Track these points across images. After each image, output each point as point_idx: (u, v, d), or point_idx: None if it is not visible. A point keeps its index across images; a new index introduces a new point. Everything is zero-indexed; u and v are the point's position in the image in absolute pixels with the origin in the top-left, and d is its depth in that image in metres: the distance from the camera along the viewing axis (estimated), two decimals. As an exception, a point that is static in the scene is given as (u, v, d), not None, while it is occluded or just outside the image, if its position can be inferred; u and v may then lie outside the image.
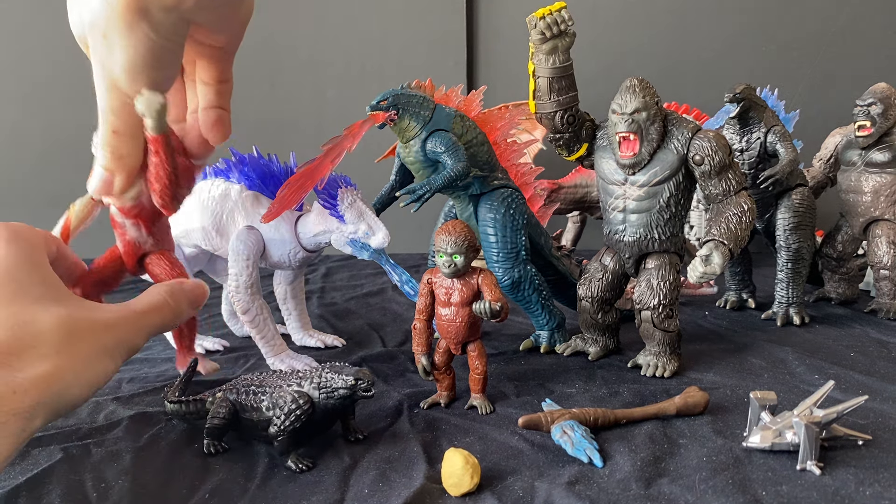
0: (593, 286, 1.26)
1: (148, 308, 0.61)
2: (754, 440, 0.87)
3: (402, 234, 2.10)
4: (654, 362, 1.19)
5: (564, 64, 1.16)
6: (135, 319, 0.59)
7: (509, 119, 1.32)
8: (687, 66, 2.45)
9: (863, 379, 1.14)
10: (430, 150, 1.20)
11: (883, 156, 1.51)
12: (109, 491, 0.82)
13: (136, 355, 1.36)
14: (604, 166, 1.21)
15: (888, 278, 1.52)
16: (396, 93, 1.20)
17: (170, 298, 0.62)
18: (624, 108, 1.14)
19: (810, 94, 2.37)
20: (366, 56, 2.46)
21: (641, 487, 0.80)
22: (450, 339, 1.04)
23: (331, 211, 1.20)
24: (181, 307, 0.63)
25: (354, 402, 0.92)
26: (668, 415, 0.99)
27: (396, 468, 0.86)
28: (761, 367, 1.22)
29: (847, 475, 0.82)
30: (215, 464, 0.89)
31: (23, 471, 0.88)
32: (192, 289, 0.65)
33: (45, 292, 0.54)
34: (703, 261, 1.10)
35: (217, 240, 1.28)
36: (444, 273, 1.01)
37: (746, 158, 1.52)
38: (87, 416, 1.05)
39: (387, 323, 1.58)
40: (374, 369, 1.22)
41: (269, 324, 1.23)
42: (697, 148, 1.13)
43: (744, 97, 1.48)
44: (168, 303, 0.62)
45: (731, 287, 1.67)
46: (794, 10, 2.42)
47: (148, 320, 0.60)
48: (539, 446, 0.91)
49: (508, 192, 1.28)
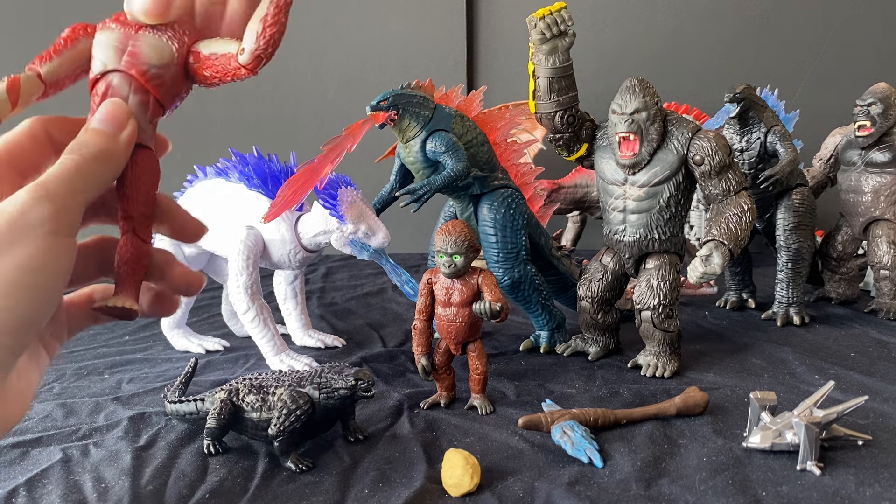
0: (593, 286, 1.26)
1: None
2: (754, 440, 0.87)
3: (402, 234, 2.11)
4: (654, 362, 1.19)
5: (564, 64, 1.15)
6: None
7: (509, 119, 1.32)
8: (687, 66, 2.44)
9: (863, 379, 1.14)
10: (430, 151, 1.20)
11: (883, 156, 1.51)
12: (109, 491, 0.82)
13: (136, 355, 1.36)
14: (604, 166, 1.21)
15: (888, 278, 1.52)
16: (396, 93, 1.20)
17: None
18: (624, 108, 1.14)
19: (810, 94, 2.37)
20: (366, 56, 2.46)
21: (641, 488, 0.80)
22: (450, 340, 1.04)
23: (331, 211, 1.20)
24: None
25: (354, 402, 0.92)
26: (668, 415, 0.99)
27: (396, 468, 0.86)
28: (761, 367, 1.22)
29: (847, 475, 0.82)
30: (215, 464, 0.89)
31: (22, 471, 0.88)
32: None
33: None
34: (703, 261, 1.10)
35: (217, 240, 1.28)
36: (444, 273, 1.01)
37: (746, 158, 1.52)
38: (87, 416, 1.05)
39: (387, 323, 1.58)
40: (374, 369, 1.22)
41: (269, 324, 1.22)
42: (697, 148, 1.13)
43: (744, 97, 1.48)
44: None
45: (731, 287, 1.67)
46: (794, 10, 2.42)
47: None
48: (539, 446, 0.91)
49: (508, 192, 1.28)
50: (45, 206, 0.35)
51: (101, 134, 0.39)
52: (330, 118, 2.45)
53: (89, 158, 0.38)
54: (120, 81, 0.40)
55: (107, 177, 0.39)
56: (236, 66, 0.40)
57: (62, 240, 0.36)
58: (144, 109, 0.40)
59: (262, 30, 0.39)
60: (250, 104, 2.43)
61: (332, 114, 2.46)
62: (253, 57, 0.40)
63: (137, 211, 0.40)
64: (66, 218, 0.36)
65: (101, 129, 0.39)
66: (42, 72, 0.40)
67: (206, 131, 2.39)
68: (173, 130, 0.63)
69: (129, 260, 0.40)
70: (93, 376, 1.24)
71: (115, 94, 0.40)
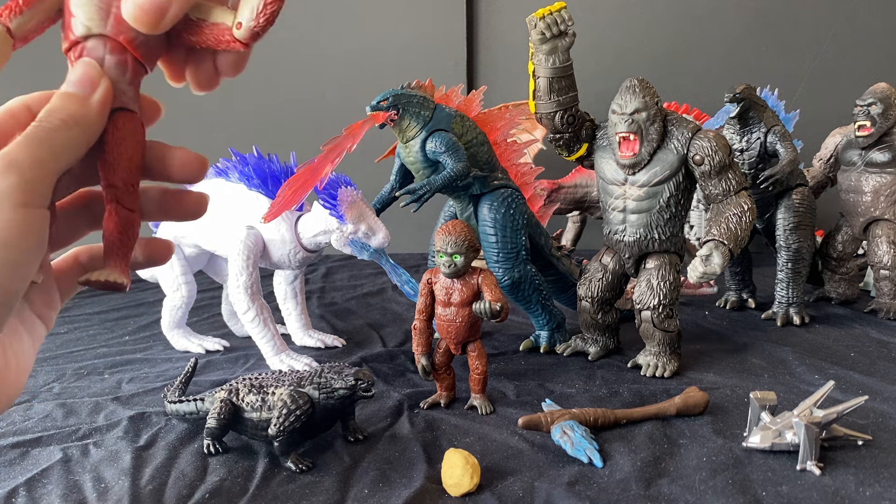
0: (593, 286, 1.26)
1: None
2: (754, 440, 0.87)
3: (402, 234, 2.11)
4: (654, 362, 1.19)
5: (564, 64, 1.15)
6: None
7: (509, 119, 1.32)
8: (687, 66, 2.45)
9: (863, 379, 1.14)
10: (430, 151, 1.20)
11: (883, 156, 1.51)
12: (109, 491, 0.82)
13: (136, 355, 1.36)
14: (604, 166, 1.21)
15: (888, 278, 1.52)
16: (396, 93, 1.20)
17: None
18: (624, 108, 1.14)
19: (810, 94, 2.37)
20: (366, 56, 2.46)
21: (641, 488, 0.80)
22: (450, 340, 1.04)
23: (331, 211, 1.20)
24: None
25: (354, 402, 0.92)
26: (668, 415, 0.99)
27: (396, 468, 0.86)
28: (761, 367, 1.22)
29: (847, 475, 0.82)
30: (215, 464, 0.89)
31: (22, 471, 0.88)
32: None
33: None
34: (703, 261, 1.10)
35: (217, 240, 1.28)
36: (444, 273, 1.01)
37: (746, 158, 1.52)
38: (86, 416, 1.05)
39: (387, 323, 1.58)
40: (374, 369, 1.22)
41: (269, 324, 1.22)
42: (697, 148, 1.13)
43: (744, 97, 1.48)
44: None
45: (731, 287, 1.67)
46: (794, 10, 2.42)
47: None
48: (539, 446, 0.91)
49: (508, 192, 1.28)
50: (12, 177, 0.33)
51: (70, 97, 0.36)
52: (330, 118, 2.45)
53: (58, 124, 0.35)
54: (94, 42, 0.37)
55: (79, 142, 0.36)
56: (230, 38, 0.38)
57: (32, 211, 0.34)
58: (123, 70, 0.37)
59: (263, 7, 0.37)
60: (250, 104, 2.43)
61: (332, 114, 2.46)
62: (251, 34, 0.37)
63: (120, 179, 0.38)
64: (35, 188, 0.34)
65: (70, 91, 0.36)
66: (12, 27, 0.37)
67: (207, 131, 2.39)
68: (174, 130, 0.63)
69: (114, 230, 0.38)
70: (93, 376, 1.24)
71: (89, 55, 0.37)
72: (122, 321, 1.63)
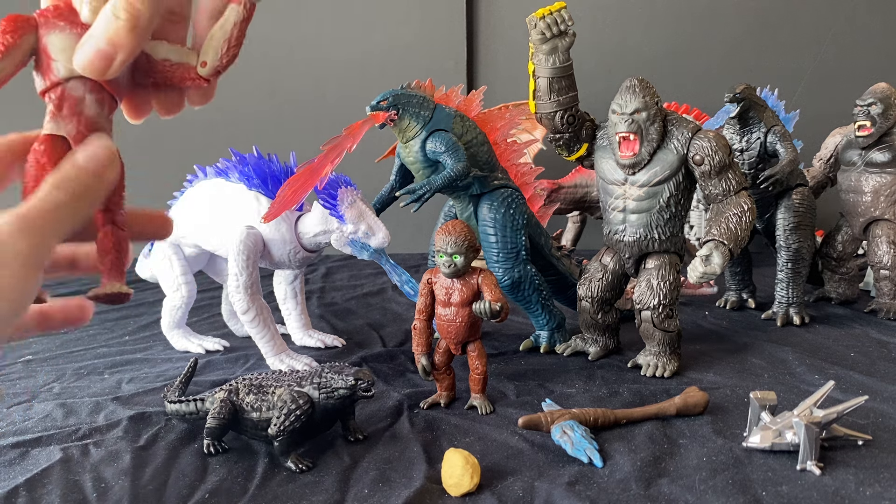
0: (593, 286, 1.26)
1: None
2: (754, 440, 0.87)
3: (402, 234, 2.11)
4: (654, 362, 1.19)
5: (564, 64, 1.16)
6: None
7: (509, 119, 1.32)
8: (687, 66, 2.45)
9: (863, 379, 1.14)
10: (430, 151, 1.20)
11: (883, 156, 1.51)
12: (109, 491, 0.82)
13: (136, 355, 1.36)
14: (604, 166, 1.21)
15: (888, 278, 1.52)
16: (396, 93, 1.20)
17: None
18: (624, 108, 1.14)
19: (810, 94, 2.37)
20: (366, 56, 2.46)
21: (641, 487, 0.80)
22: (450, 339, 1.04)
23: (331, 211, 1.20)
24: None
25: (354, 402, 0.92)
26: (668, 415, 0.99)
27: (396, 468, 0.86)
28: (761, 367, 1.22)
29: (847, 475, 0.82)
30: (215, 464, 0.89)
31: (22, 471, 0.88)
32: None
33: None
34: (703, 261, 1.10)
35: (217, 240, 1.28)
36: (444, 273, 1.01)
37: (746, 158, 1.52)
38: (86, 416, 1.05)
39: (387, 323, 1.58)
40: (374, 369, 1.22)
41: (269, 324, 1.22)
42: (697, 148, 1.13)
43: (744, 97, 1.47)
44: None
45: (731, 287, 1.67)
46: (794, 10, 2.42)
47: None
48: (539, 446, 0.91)
49: (508, 192, 1.28)
50: (25, 240, 0.36)
51: (89, 173, 0.39)
52: (330, 118, 2.45)
53: (75, 197, 0.38)
54: (74, 83, 0.39)
55: (87, 214, 0.39)
56: (195, 76, 0.42)
57: (31, 271, 0.36)
58: (101, 106, 0.40)
59: (227, 49, 0.41)
60: (250, 104, 2.43)
61: (332, 114, 2.46)
62: (214, 72, 0.42)
63: (113, 203, 0.41)
64: (41, 252, 0.37)
65: (88, 167, 0.39)
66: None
67: (207, 131, 2.39)
68: (174, 131, 0.63)
69: (111, 249, 0.41)
70: (93, 376, 1.24)
71: (70, 96, 0.40)
72: (122, 321, 1.63)
